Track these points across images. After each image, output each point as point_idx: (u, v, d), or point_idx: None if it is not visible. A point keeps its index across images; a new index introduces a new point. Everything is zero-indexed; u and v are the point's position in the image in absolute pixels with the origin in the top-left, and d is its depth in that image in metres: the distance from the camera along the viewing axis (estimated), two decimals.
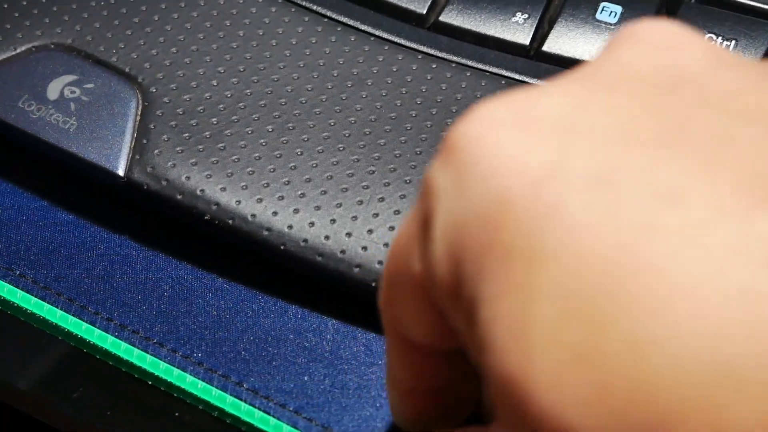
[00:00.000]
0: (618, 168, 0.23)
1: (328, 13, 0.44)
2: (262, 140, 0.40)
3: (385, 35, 0.43)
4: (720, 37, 0.41)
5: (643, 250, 0.22)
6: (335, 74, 0.42)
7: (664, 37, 0.27)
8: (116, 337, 0.38)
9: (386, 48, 0.43)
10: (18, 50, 0.43)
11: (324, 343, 0.38)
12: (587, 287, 0.22)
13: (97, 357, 0.38)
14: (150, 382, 0.38)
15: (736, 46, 0.41)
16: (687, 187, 0.23)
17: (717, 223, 0.22)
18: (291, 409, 0.37)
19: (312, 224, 0.38)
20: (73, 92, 0.41)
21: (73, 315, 0.39)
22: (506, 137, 0.24)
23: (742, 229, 0.22)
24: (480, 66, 0.42)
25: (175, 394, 0.37)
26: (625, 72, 0.26)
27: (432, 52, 0.42)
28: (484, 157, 0.24)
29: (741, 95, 0.25)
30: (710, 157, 0.23)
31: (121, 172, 0.40)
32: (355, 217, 0.39)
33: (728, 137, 0.24)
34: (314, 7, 0.44)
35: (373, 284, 0.38)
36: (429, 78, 0.42)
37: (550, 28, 0.42)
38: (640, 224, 0.22)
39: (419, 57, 0.42)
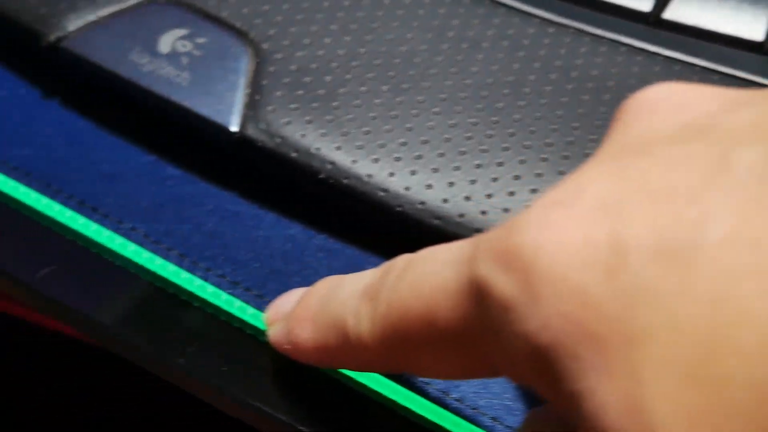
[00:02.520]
0: (677, 231, 0.23)
1: None
2: (377, 100, 0.40)
3: None
4: None
5: (737, 304, 0.22)
6: (450, 35, 0.41)
7: (674, 97, 0.27)
8: (230, 293, 0.38)
9: (502, 11, 0.42)
10: (129, 3, 0.42)
11: None
12: (691, 355, 0.22)
13: (210, 313, 0.38)
14: (263, 340, 0.37)
15: None
16: (754, 228, 0.23)
17: None
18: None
19: (430, 186, 0.38)
20: (184, 46, 0.41)
21: (185, 270, 0.38)
22: (564, 235, 0.24)
23: None
24: (599, 32, 0.41)
25: None
26: (650, 138, 0.26)
27: (549, 16, 0.42)
28: (549, 261, 0.24)
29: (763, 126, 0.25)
30: (759, 192, 0.23)
31: (234, 128, 0.39)
32: (473, 181, 0.38)
33: None
34: None
35: None
36: (547, 42, 0.41)
37: None
38: (721, 285, 0.22)
39: (536, 21, 0.41)
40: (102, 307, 0.38)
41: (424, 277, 0.28)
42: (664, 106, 0.27)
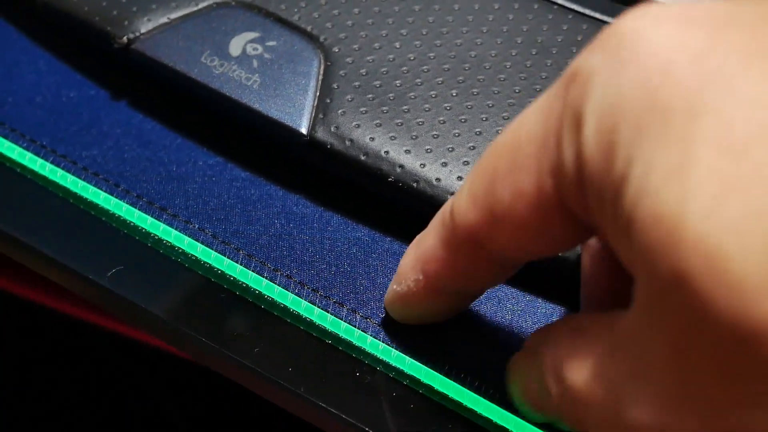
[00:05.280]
0: None
1: None
2: (446, 104, 0.40)
3: (568, 4, 0.42)
4: None
5: None
6: (519, 41, 0.41)
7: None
8: (296, 294, 0.38)
9: (570, 17, 0.42)
10: (199, 6, 0.42)
11: (504, 312, 0.38)
12: (744, 134, 0.23)
13: (276, 314, 0.38)
14: (329, 341, 0.37)
15: None
16: None
17: None
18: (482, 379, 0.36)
19: None
20: (255, 49, 0.41)
21: (252, 270, 0.38)
22: (663, 25, 0.26)
23: None
24: None
25: (354, 355, 0.37)
26: None
27: None
28: (642, 39, 0.26)
29: None
30: None
31: (304, 131, 0.40)
32: None
33: None
34: None
35: (560, 255, 0.37)
36: None
37: None
38: None
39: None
40: (169, 306, 0.39)
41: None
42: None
